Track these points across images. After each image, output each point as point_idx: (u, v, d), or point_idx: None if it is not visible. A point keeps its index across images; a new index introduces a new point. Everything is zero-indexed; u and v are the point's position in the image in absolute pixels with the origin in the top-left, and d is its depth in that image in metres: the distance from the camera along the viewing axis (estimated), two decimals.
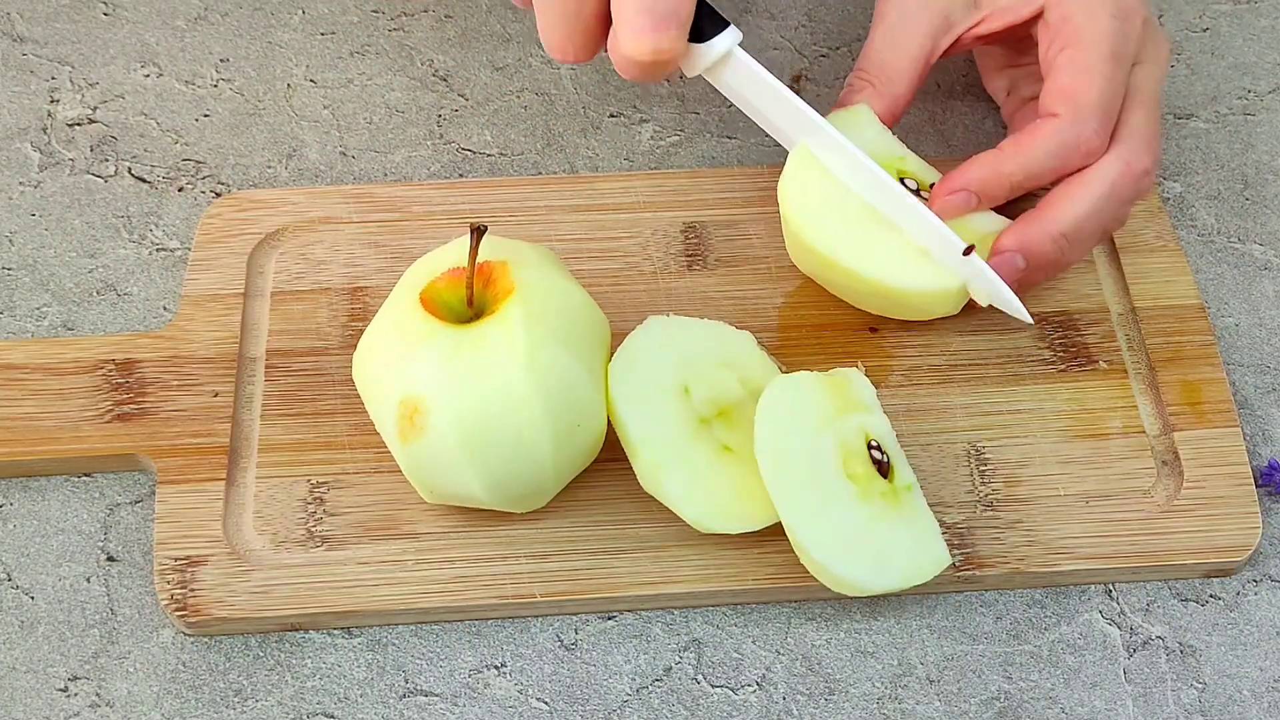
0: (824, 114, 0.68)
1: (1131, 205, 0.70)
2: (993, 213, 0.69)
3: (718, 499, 0.62)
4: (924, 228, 0.67)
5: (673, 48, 0.62)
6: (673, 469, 0.62)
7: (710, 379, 0.64)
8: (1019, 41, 0.73)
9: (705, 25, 0.65)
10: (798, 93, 0.73)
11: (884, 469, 0.62)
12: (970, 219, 0.68)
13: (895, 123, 0.71)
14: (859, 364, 0.69)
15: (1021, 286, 0.68)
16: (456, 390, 0.59)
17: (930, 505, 0.66)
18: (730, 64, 0.66)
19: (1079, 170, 0.68)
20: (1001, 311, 0.71)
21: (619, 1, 0.62)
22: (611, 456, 0.67)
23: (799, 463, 0.61)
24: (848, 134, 0.68)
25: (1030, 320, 0.68)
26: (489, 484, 0.60)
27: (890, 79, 0.70)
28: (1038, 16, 0.70)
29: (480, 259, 0.61)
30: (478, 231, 0.60)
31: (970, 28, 0.71)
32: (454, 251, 0.63)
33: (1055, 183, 0.68)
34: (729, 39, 0.65)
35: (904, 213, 0.67)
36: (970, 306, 0.70)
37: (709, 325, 0.66)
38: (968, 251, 0.67)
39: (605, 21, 0.64)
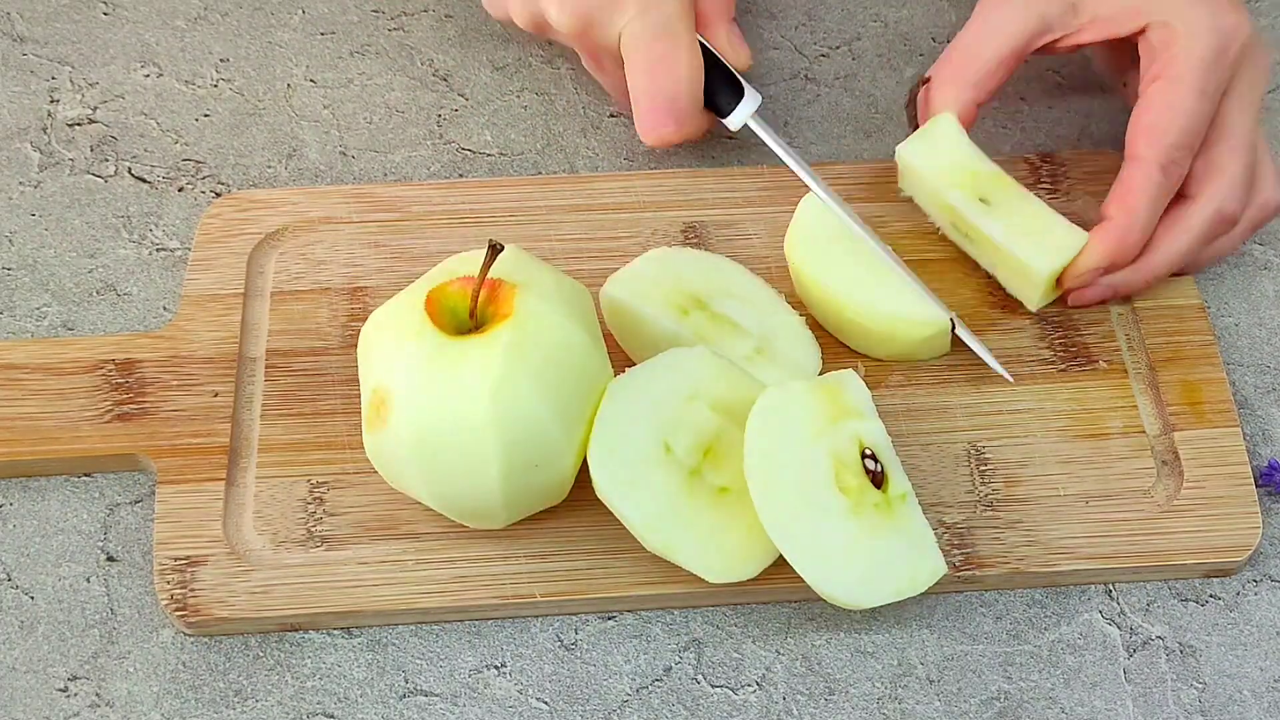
0: (837, 122, 0.71)
1: (1238, 240, 0.72)
2: (1073, 226, 0.69)
3: (729, 549, 0.61)
4: (912, 295, 0.69)
5: (673, 137, 0.73)
6: (681, 541, 0.61)
7: (686, 422, 0.62)
8: (1122, 45, 0.72)
9: (722, 100, 0.74)
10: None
11: (878, 479, 0.62)
12: (1051, 230, 0.69)
13: (974, 116, 0.71)
14: (858, 365, 0.69)
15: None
16: (420, 396, 0.59)
17: (930, 505, 0.66)
18: (757, 125, 0.73)
19: (1173, 207, 0.69)
20: (1002, 311, 0.71)
21: (632, 91, 0.73)
22: None
23: (788, 481, 0.61)
24: (928, 147, 0.70)
25: (1010, 379, 0.69)
26: (433, 494, 0.61)
27: (974, 72, 0.71)
28: (1141, 32, 0.69)
29: (501, 275, 0.61)
30: (494, 249, 0.60)
31: (1067, 35, 0.71)
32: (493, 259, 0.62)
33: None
34: (746, 109, 0.74)
35: (894, 280, 0.69)
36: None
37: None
38: (953, 325, 0.68)
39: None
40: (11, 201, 0.76)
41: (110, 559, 0.66)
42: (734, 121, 0.74)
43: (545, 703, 0.63)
